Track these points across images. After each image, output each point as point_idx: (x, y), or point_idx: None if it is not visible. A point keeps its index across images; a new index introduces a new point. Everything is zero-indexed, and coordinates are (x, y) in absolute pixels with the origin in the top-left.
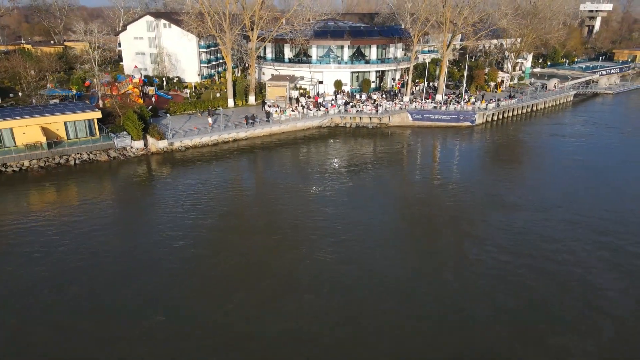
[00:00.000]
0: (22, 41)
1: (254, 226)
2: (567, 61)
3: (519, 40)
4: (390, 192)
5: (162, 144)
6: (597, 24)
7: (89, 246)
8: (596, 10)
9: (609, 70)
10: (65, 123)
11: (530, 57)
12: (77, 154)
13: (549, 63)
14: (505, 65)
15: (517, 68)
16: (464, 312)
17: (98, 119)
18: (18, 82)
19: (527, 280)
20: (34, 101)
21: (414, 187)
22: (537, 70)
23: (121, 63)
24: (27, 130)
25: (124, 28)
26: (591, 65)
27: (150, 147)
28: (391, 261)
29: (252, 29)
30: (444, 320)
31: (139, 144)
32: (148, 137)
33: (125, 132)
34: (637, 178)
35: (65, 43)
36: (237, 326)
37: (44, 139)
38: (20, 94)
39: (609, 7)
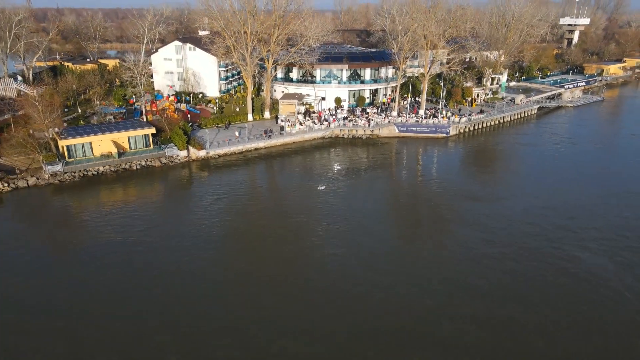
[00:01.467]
0: (57, 57)
1: (278, 211)
2: (541, 75)
3: (495, 53)
4: (381, 187)
5: (202, 153)
6: (576, 37)
7: (151, 225)
8: (574, 25)
9: (576, 84)
10: (129, 137)
11: (505, 72)
12: (138, 161)
13: (523, 77)
14: (483, 80)
15: (495, 82)
16: (422, 252)
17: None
18: (71, 98)
19: (478, 245)
20: (95, 117)
21: (399, 184)
22: (512, 83)
23: (151, 79)
24: (101, 143)
25: (156, 50)
26: (559, 80)
27: (192, 155)
28: (381, 228)
29: (268, 59)
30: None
31: (184, 153)
32: (190, 147)
33: (172, 144)
34: (572, 178)
35: (99, 60)
36: (288, 264)
37: (114, 150)
38: (79, 110)
39: (586, 21)
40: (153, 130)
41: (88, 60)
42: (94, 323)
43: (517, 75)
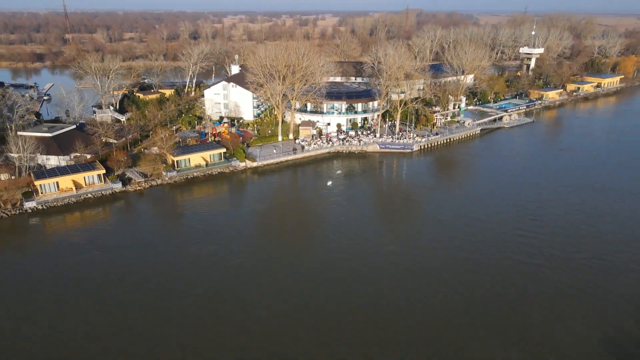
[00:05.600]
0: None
1: (302, 194)
2: (494, 100)
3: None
4: (369, 183)
5: (254, 164)
6: (532, 63)
7: (227, 203)
8: (531, 53)
9: (519, 107)
10: (210, 155)
11: (464, 98)
12: (216, 169)
13: (479, 102)
14: (445, 106)
15: (456, 106)
16: (397, 228)
17: (223, 153)
18: (148, 123)
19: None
20: (179, 139)
21: (381, 181)
22: (470, 107)
23: (203, 107)
24: (195, 159)
25: (208, 87)
26: (504, 104)
27: (247, 165)
28: (371, 203)
29: (293, 99)
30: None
31: (243, 164)
32: (247, 160)
33: (235, 158)
34: (492, 174)
35: (160, 90)
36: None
37: (203, 162)
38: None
39: (540, 50)
40: (224, 150)
41: (152, 90)
42: (206, 245)
43: (474, 100)
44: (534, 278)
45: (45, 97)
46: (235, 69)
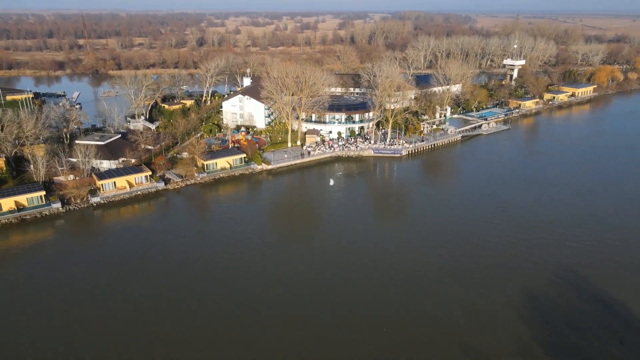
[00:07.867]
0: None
1: (309, 191)
2: (476, 109)
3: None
4: (366, 182)
5: (269, 167)
6: (515, 73)
7: (246, 197)
8: (513, 65)
9: (497, 116)
10: (233, 159)
11: (449, 108)
12: (237, 171)
13: (463, 110)
14: (432, 115)
15: (443, 115)
16: (387, 217)
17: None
18: (176, 131)
19: (423, 213)
20: (206, 145)
21: (375, 179)
22: (455, 116)
23: (221, 116)
24: (221, 163)
25: (226, 99)
26: (485, 113)
27: (263, 168)
28: (367, 198)
29: (300, 111)
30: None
31: (260, 167)
32: (263, 163)
33: (253, 162)
34: (470, 174)
35: (181, 101)
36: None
37: (227, 165)
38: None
39: (522, 62)
40: (244, 155)
41: (175, 101)
42: (228, 228)
43: (459, 109)
44: (492, 249)
45: (77, 106)
46: (246, 81)
